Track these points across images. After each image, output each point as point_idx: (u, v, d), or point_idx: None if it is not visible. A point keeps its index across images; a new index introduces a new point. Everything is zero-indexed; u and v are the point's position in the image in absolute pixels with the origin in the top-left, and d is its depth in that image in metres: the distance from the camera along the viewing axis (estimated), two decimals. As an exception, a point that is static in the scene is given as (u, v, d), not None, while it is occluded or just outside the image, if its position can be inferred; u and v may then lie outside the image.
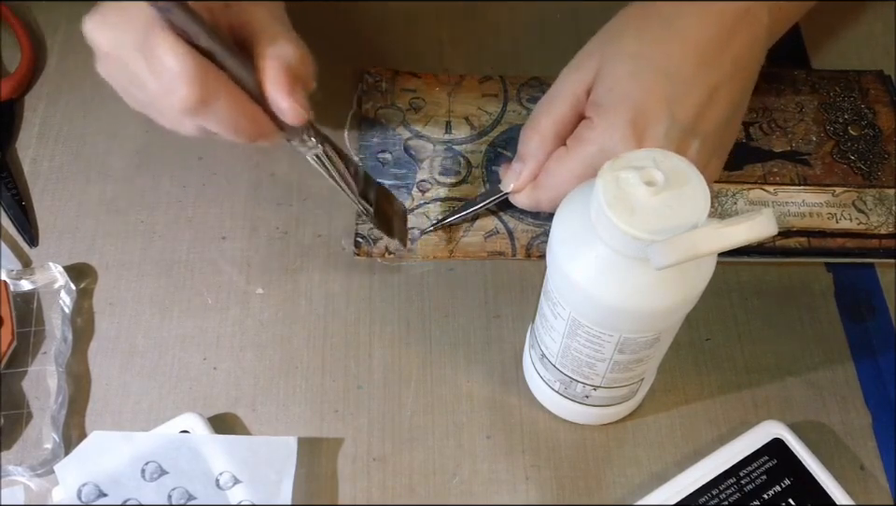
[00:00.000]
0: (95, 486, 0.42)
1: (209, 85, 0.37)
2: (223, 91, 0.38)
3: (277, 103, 0.39)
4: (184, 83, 0.37)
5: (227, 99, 0.38)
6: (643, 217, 0.32)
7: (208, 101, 0.37)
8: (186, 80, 0.36)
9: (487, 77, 0.58)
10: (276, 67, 0.39)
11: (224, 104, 0.38)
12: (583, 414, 0.45)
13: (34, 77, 0.57)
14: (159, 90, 0.38)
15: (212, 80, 0.37)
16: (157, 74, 0.37)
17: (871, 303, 0.50)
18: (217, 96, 0.38)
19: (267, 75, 0.39)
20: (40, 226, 0.52)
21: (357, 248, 0.51)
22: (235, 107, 0.38)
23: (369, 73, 0.57)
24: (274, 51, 0.39)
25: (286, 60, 0.39)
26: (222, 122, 0.39)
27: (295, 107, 0.39)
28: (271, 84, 0.39)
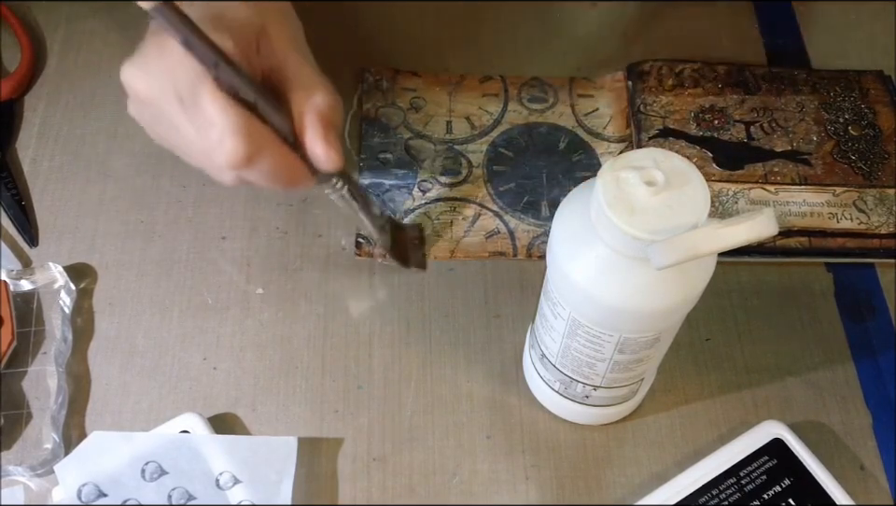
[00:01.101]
0: (95, 486, 0.42)
1: (255, 141, 0.37)
2: (268, 146, 0.38)
3: (315, 152, 0.39)
4: (232, 139, 0.36)
5: (271, 153, 0.38)
6: (643, 217, 0.32)
7: (254, 157, 0.37)
8: (233, 136, 0.36)
9: (488, 76, 0.58)
10: (312, 116, 0.39)
11: (268, 157, 0.38)
12: (583, 414, 0.45)
13: (34, 77, 0.57)
14: (202, 144, 0.38)
15: (257, 136, 0.37)
16: (201, 128, 0.37)
17: (871, 303, 0.50)
18: (263, 151, 0.38)
19: (305, 125, 0.39)
20: (40, 226, 0.52)
21: (357, 249, 0.51)
22: (278, 160, 0.39)
23: (369, 72, 0.57)
24: (310, 100, 0.39)
25: (320, 108, 0.39)
26: (266, 174, 0.39)
27: (331, 154, 0.39)
28: (310, 134, 0.39)
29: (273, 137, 0.38)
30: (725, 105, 0.56)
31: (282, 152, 0.39)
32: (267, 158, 0.38)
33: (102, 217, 0.52)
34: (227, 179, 0.40)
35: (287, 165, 0.39)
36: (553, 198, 0.53)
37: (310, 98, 0.39)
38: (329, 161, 0.39)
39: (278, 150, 0.39)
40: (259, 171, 0.38)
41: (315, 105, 0.39)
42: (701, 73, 0.57)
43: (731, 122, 0.55)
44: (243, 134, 0.37)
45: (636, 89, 0.56)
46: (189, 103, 0.37)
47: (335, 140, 0.39)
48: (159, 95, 0.38)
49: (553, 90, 0.57)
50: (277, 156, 0.38)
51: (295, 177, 0.40)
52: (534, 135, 0.56)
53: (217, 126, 0.37)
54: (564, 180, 0.54)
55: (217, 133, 0.37)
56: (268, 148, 0.38)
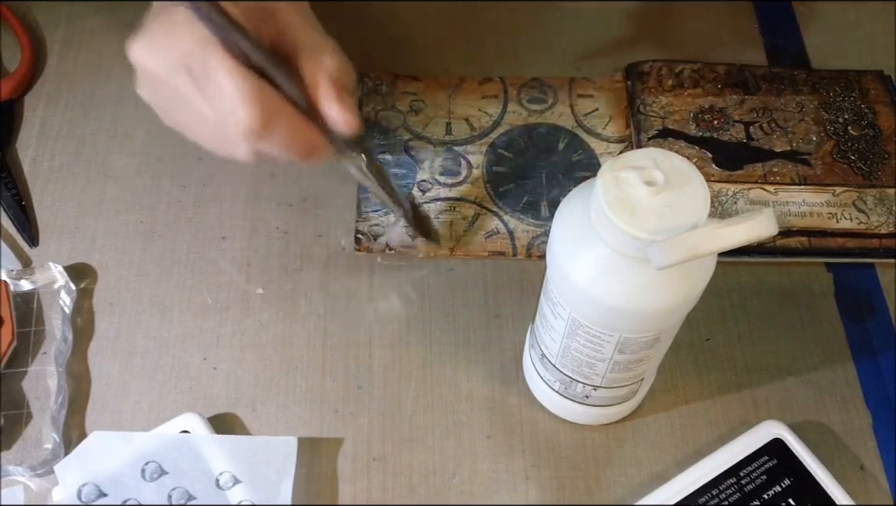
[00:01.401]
0: (95, 486, 0.42)
1: (269, 107, 0.36)
2: (282, 113, 0.37)
3: (331, 115, 0.38)
4: (245, 107, 0.36)
5: (286, 120, 0.37)
6: (643, 217, 0.32)
7: (269, 123, 0.36)
8: (247, 104, 0.36)
9: (487, 78, 0.58)
10: (325, 79, 0.38)
11: (284, 125, 0.37)
12: (583, 414, 0.45)
13: (34, 77, 0.57)
14: (215, 115, 0.37)
15: (271, 102, 0.36)
16: (213, 98, 0.36)
17: (871, 303, 0.50)
18: (278, 118, 0.37)
19: (319, 88, 0.38)
20: (40, 226, 0.52)
21: (357, 244, 0.51)
22: (293, 127, 0.38)
23: (369, 77, 0.57)
24: (320, 63, 0.38)
25: (332, 70, 0.38)
26: (282, 143, 0.38)
27: (347, 116, 0.38)
28: (324, 97, 0.38)
29: (286, 104, 0.37)
30: (725, 106, 0.56)
31: (296, 119, 0.38)
32: (282, 125, 0.37)
33: (102, 217, 0.52)
34: (241, 153, 0.38)
35: (303, 133, 0.38)
36: (552, 198, 0.53)
37: (320, 62, 0.38)
38: (346, 123, 0.38)
39: (293, 118, 0.37)
40: (274, 140, 0.37)
41: (327, 68, 0.38)
42: (701, 73, 0.57)
43: (730, 123, 0.55)
44: (256, 102, 0.36)
45: (635, 89, 0.56)
46: (199, 74, 0.36)
47: (350, 102, 0.38)
48: (168, 70, 0.37)
49: (552, 90, 0.57)
50: (292, 124, 0.37)
51: (311, 147, 0.39)
52: (533, 136, 0.56)
53: (229, 94, 0.35)
54: (564, 180, 0.54)
55: (230, 102, 0.36)
56: (282, 116, 0.37)
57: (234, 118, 0.36)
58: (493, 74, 0.58)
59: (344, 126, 0.38)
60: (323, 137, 0.39)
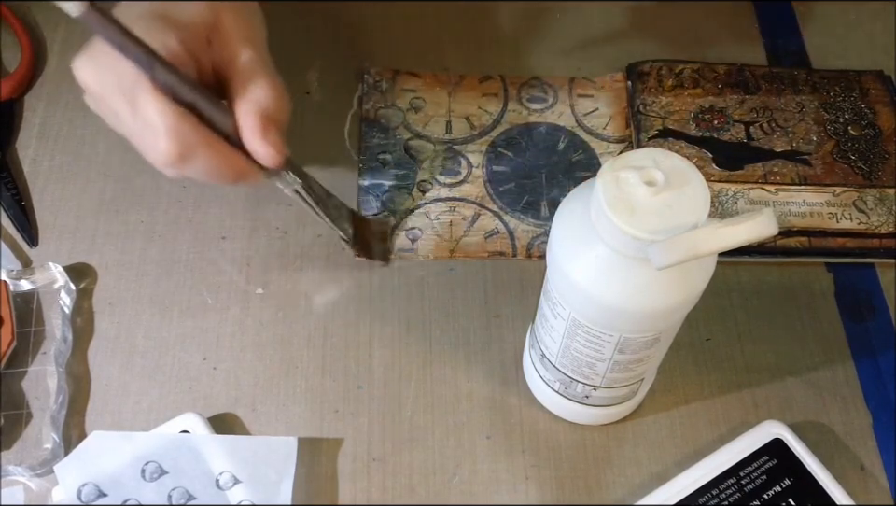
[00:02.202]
0: (95, 486, 0.42)
1: (188, 140, 0.38)
2: (202, 145, 0.38)
3: (253, 148, 0.39)
4: (163, 139, 0.37)
5: (206, 151, 0.38)
6: (643, 217, 0.32)
7: (187, 155, 0.38)
8: (165, 136, 0.37)
9: (487, 76, 0.58)
10: (250, 112, 0.39)
11: (203, 156, 0.38)
12: (583, 414, 0.45)
13: (34, 77, 0.57)
14: (141, 140, 0.39)
15: (191, 135, 0.38)
16: (140, 125, 0.38)
17: (871, 303, 0.50)
18: (196, 150, 0.38)
19: (242, 120, 0.39)
20: (40, 226, 0.52)
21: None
22: (214, 158, 0.39)
23: (369, 73, 0.57)
24: (249, 95, 0.39)
25: (260, 102, 0.39)
26: (202, 172, 0.39)
27: (269, 151, 0.39)
28: (246, 130, 0.39)
29: (209, 136, 0.39)
30: (725, 106, 0.56)
31: (219, 150, 0.39)
32: (202, 157, 0.38)
33: (102, 217, 0.52)
34: (169, 174, 0.40)
35: (227, 162, 0.39)
36: (552, 198, 0.53)
37: (250, 93, 0.39)
38: (266, 158, 0.39)
39: (215, 149, 0.39)
40: (194, 169, 0.39)
41: (255, 101, 0.39)
42: (701, 73, 0.57)
43: (730, 122, 0.55)
44: (176, 135, 0.37)
45: (635, 89, 0.56)
46: (130, 99, 0.37)
47: (274, 136, 0.39)
48: (106, 89, 0.38)
49: (552, 90, 0.57)
50: (214, 155, 0.39)
51: (237, 174, 0.40)
52: (533, 135, 0.56)
53: (150, 126, 0.37)
54: (563, 180, 0.54)
55: (151, 133, 0.37)
56: (204, 148, 0.38)
57: (155, 148, 0.38)
58: (493, 72, 0.58)
59: (266, 161, 0.40)
60: (250, 164, 0.40)
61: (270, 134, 0.39)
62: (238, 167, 0.40)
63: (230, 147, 0.39)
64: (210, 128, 0.39)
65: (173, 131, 0.37)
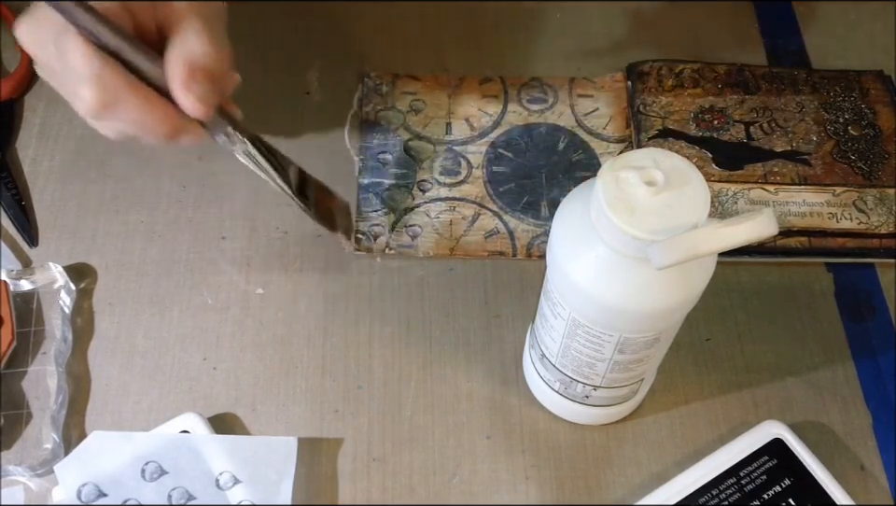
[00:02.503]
0: (95, 486, 0.42)
1: (112, 87, 0.37)
2: (128, 93, 0.37)
3: (177, 96, 0.38)
4: (87, 85, 0.37)
5: (132, 100, 0.38)
6: (643, 217, 0.32)
7: (111, 103, 0.37)
8: (89, 82, 0.37)
9: (487, 78, 0.58)
10: (177, 62, 0.38)
11: (129, 105, 0.38)
12: (583, 414, 0.45)
13: (34, 76, 0.57)
14: (68, 89, 0.38)
15: (115, 82, 0.37)
16: (67, 74, 0.37)
17: (871, 303, 0.50)
18: (121, 98, 0.37)
19: (168, 69, 0.38)
20: (40, 226, 0.52)
21: (357, 244, 0.51)
22: (142, 108, 0.38)
23: (369, 76, 0.57)
24: (178, 44, 0.38)
25: (189, 52, 0.38)
26: (130, 123, 0.39)
27: (193, 101, 0.38)
28: (171, 78, 0.38)
29: (136, 85, 0.38)
30: (725, 106, 0.56)
31: (147, 100, 0.38)
32: (128, 105, 0.37)
33: (102, 217, 0.52)
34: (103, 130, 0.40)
35: (156, 113, 0.38)
36: (552, 198, 0.53)
37: (180, 43, 0.38)
38: (190, 107, 0.38)
39: (143, 98, 0.38)
40: (122, 120, 0.38)
41: (184, 50, 0.38)
42: (701, 73, 0.57)
43: (730, 122, 0.55)
44: (100, 81, 0.36)
45: (635, 89, 0.56)
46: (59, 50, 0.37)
47: (200, 85, 0.38)
48: (41, 47, 0.38)
49: (552, 90, 0.57)
50: (141, 104, 0.38)
51: (170, 127, 0.39)
52: (534, 136, 0.56)
53: (76, 73, 0.37)
54: (563, 180, 0.54)
55: (77, 81, 0.37)
56: (130, 96, 0.37)
57: (79, 96, 0.37)
58: (493, 74, 0.58)
59: (191, 110, 0.38)
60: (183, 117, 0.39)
61: (195, 84, 0.38)
62: (168, 119, 0.39)
63: (160, 98, 0.38)
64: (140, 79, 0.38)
65: (96, 77, 0.37)
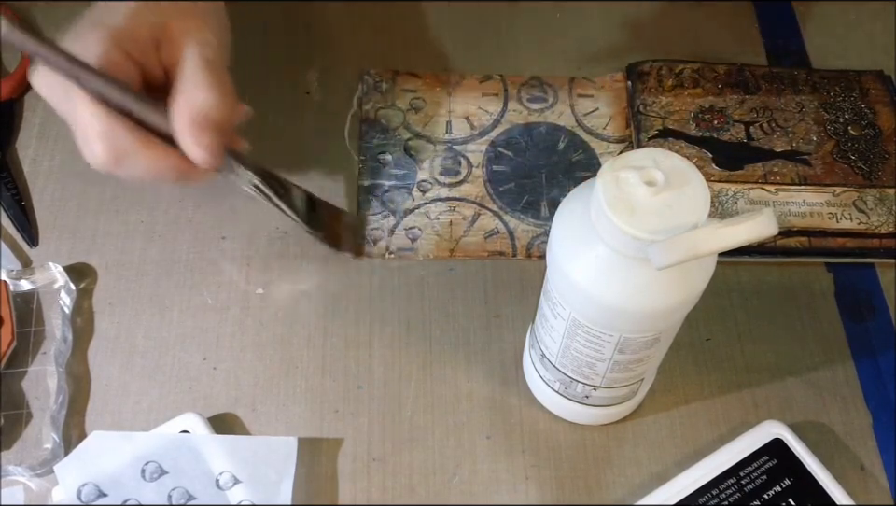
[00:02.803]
0: (95, 486, 0.42)
1: (120, 143, 0.39)
2: (136, 147, 0.39)
3: (185, 148, 0.40)
4: (96, 143, 0.38)
5: (141, 153, 0.39)
6: (643, 217, 0.32)
7: (120, 158, 0.39)
8: (97, 140, 0.38)
9: (488, 76, 0.58)
10: (184, 112, 0.39)
11: (139, 158, 0.39)
12: (583, 414, 0.45)
13: (34, 76, 0.57)
14: (81, 145, 0.40)
15: (123, 138, 0.39)
16: (78, 131, 0.39)
17: (871, 303, 0.50)
18: (130, 152, 0.39)
19: (174, 121, 0.39)
20: (40, 226, 0.52)
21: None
22: (151, 159, 0.40)
23: (369, 74, 0.57)
24: (183, 95, 0.40)
25: (194, 103, 0.39)
26: (141, 174, 0.40)
27: (200, 152, 0.39)
28: (178, 131, 0.39)
29: (144, 138, 0.39)
30: (725, 106, 0.56)
31: (156, 152, 0.40)
32: (137, 159, 0.39)
33: (102, 217, 0.52)
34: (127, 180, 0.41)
35: (165, 163, 0.40)
36: (552, 198, 0.53)
37: (185, 94, 0.39)
38: (198, 158, 0.40)
39: (151, 150, 0.39)
40: (133, 171, 0.40)
41: (189, 101, 0.39)
42: (701, 73, 0.57)
43: (730, 122, 0.55)
44: (108, 139, 0.38)
45: (635, 89, 0.56)
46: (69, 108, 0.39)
47: (207, 136, 0.39)
48: (54, 99, 0.40)
49: (552, 90, 0.57)
50: (149, 156, 0.39)
51: (179, 173, 0.41)
52: (533, 135, 0.56)
53: (85, 131, 0.38)
54: (563, 180, 0.54)
55: (86, 138, 0.39)
56: (138, 150, 0.39)
57: (90, 152, 0.39)
58: (493, 72, 0.58)
59: (199, 161, 0.40)
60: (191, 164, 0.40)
61: (202, 135, 0.39)
62: (178, 167, 0.40)
63: (168, 148, 0.40)
64: (148, 130, 0.39)
65: (104, 134, 0.38)
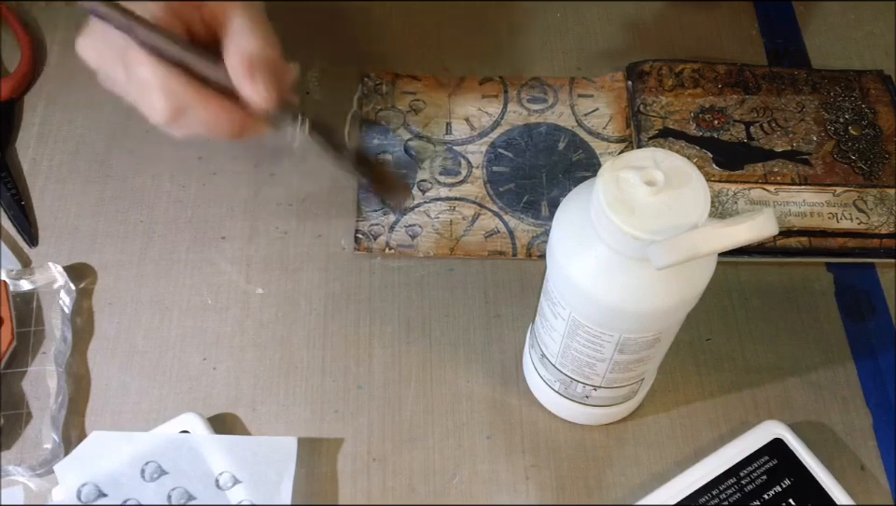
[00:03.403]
0: (95, 486, 0.42)
1: (181, 94, 0.39)
2: (196, 98, 0.40)
3: (244, 93, 0.40)
4: (157, 95, 0.39)
5: (200, 104, 0.40)
6: (643, 217, 0.32)
7: (182, 109, 0.40)
8: (159, 92, 0.39)
9: (487, 78, 0.58)
10: (236, 58, 0.40)
11: (199, 109, 0.40)
12: (583, 414, 0.45)
13: (34, 77, 0.57)
14: (140, 102, 0.40)
15: (183, 89, 0.39)
16: (136, 87, 0.40)
17: (871, 303, 0.50)
18: (190, 104, 0.40)
19: (229, 67, 0.40)
20: (40, 226, 0.52)
21: (357, 244, 0.51)
22: (210, 110, 0.40)
23: (369, 76, 0.57)
24: (234, 42, 0.41)
25: (244, 47, 0.40)
26: (202, 126, 0.41)
27: (258, 90, 0.40)
28: (233, 74, 0.40)
29: (202, 90, 0.40)
30: (725, 106, 0.56)
31: (214, 103, 0.40)
32: (197, 110, 0.40)
33: (102, 217, 0.52)
34: (176, 134, 0.42)
35: (224, 114, 0.41)
36: (552, 198, 0.53)
37: (235, 40, 0.41)
38: (256, 97, 0.40)
39: (210, 101, 0.40)
40: (194, 124, 0.41)
41: (240, 46, 0.40)
42: (701, 73, 0.57)
43: (731, 122, 0.55)
44: (169, 91, 0.39)
45: (635, 89, 0.56)
46: (125, 65, 0.39)
47: (261, 76, 0.40)
48: (104, 60, 0.41)
49: (552, 90, 0.57)
50: (209, 107, 0.40)
51: (239, 125, 0.41)
52: (534, 135, 0.56)
53: (145, 86, 0.39)
54: (564, 180, 0.54)
55: (147, 93, 0.40)
56: (198, 101, 0.40)
57: (150, 107, 0.40)
58: (493, 73, 0.58)
59: (257, 101, 0.41)
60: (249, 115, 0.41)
61: (256, 75, 0.40)
62: (236, 118, 0.41)
63: (226, 100, 0.41)
64: (204, 83, 0.40)
65: (165, 87, 0.39)
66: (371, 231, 0.51)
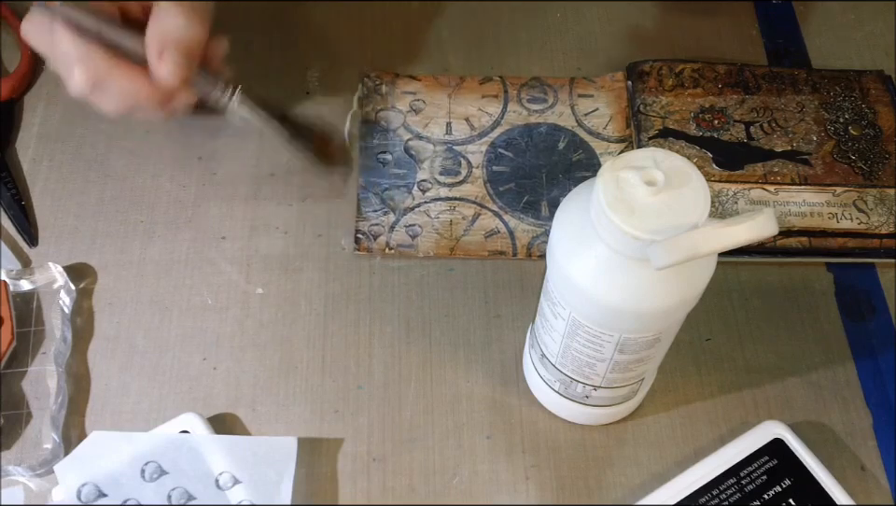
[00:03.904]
0: (95, 486, 0.42)
1: (98, 66, 0.41)
2: (112, 69, 0.42)
3: (151, 67, 0.42)
4: (75, 67, 0.42)
5: (117, 74, 0.42)
6: (643, 217, 0.32)
7: (99, 81, 0.42)
8: (77, 64, 0.42)
9: (488, 77, 0.58)
10: (152, 37, 0.42)
11: (115, 79, 0.42)
12: (583, 414, 0.45)
13: (34, 77, 0.57)
14: (62, 74, 0.43)
15: (99, 61, 0.42)
16: (60, 62, 0.43)
17: (871, 303, 0.50)
18: (106, 74, 0.42)
19: (146, 45, 0.42)
20: (40, 226, 0.52)
21: (357, 244, 0.51)
22: (128, 81, 0.42)
23: (369, 76, 0.57)
24: (155, 24, 0.43)
25: (163, 29, 0.42)
26: (120, 97, 0.43)
27: (164, 68, 0.42)
28: (147, 53, 0.42)
29: (121, 63, 0.42)
30: (725, 106, 0.56)
31: (132, 75, 0.42)
32: (114, 81, 0.42)
33: (102, 217, 0.52)
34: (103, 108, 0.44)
35: (142, 87, 0.43)
36: (552, 198, 0.53)
37: (157, 19, 0.42)
38: (163, 74, 0.42)
39: (127, 74, 0.42)
40: (112, 95, 0.43)
41: (157, 27, 0.42)
42: (701, 73, 0.57)
43: (731, 122, 0.55)
44: (86, 62, 0.41)
45: (635, 89, 0.56)
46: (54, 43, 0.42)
47: (171, 55, 0.42)
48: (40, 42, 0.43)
49: (552, 90, 0.57)
50: (126, 79, 0.42)
51: (158, 95, 0.43)
52: (534, 135, 0.56)
53: (65, 59, 0.41)
54: (564, 180, 0.54)
55: (64, 66, 0.42)
56: (114, 72, 0.42)
57: (70, 79, 0.42)
58: (493, 73, 0.58)
59: (164, 78, 0.42)
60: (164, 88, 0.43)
61: (165, 53, 0.42)
62: (153, 91, 0.43)
63: (144, 73, 0.43)
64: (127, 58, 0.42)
65: (82, 58, 0.41)
66: (371, 231, 0.51)
